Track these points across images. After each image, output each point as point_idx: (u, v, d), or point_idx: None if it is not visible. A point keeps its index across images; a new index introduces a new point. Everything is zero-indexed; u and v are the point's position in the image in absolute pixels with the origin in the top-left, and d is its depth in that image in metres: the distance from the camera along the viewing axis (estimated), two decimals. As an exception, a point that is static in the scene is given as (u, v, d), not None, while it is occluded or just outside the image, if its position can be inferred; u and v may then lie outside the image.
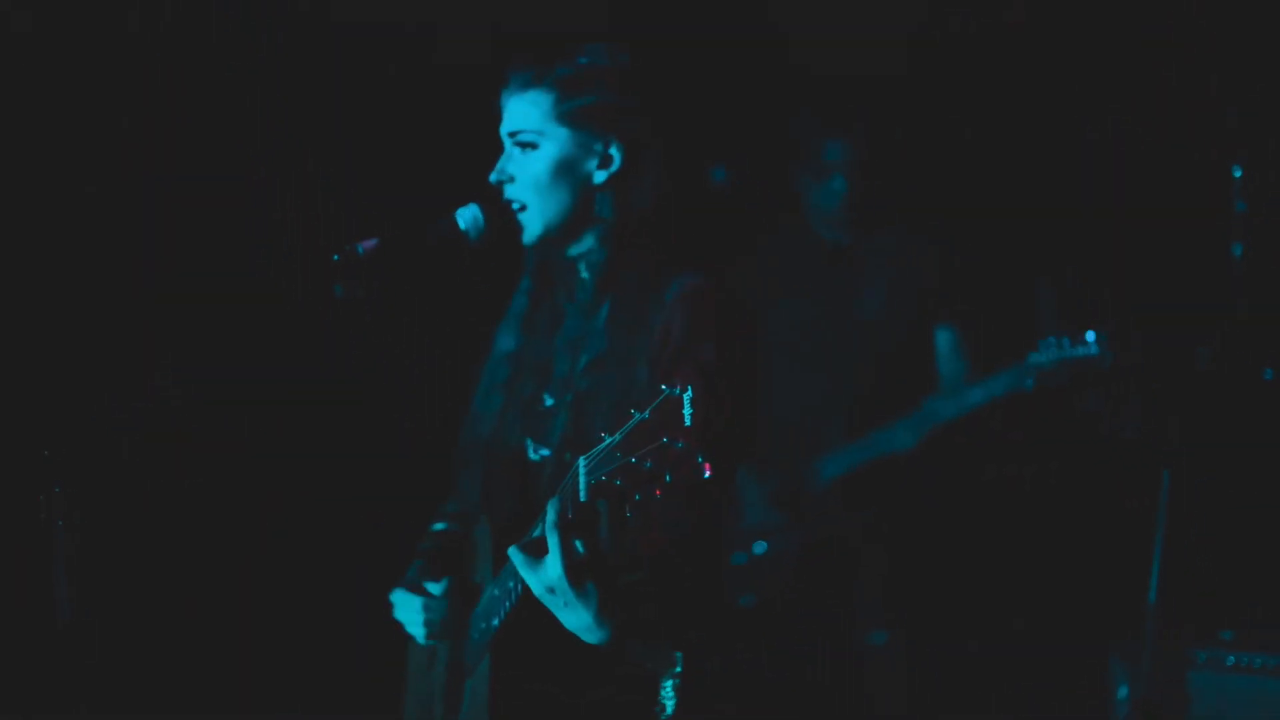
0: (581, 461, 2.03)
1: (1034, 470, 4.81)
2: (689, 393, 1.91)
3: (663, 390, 1.92)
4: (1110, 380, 4.02)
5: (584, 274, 2.60)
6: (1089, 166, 4.78)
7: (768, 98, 4.78)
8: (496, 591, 2.48)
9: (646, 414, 1.93)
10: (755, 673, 4.29)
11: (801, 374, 4.57)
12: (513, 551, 2.17)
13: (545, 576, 2.13)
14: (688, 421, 1.90)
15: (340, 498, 4.12)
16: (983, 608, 4.59)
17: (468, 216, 2.60)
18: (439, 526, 2.88)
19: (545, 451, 2.54)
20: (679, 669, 2.43)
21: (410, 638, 2.80)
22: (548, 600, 2.16)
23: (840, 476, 4.48)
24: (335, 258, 2.53)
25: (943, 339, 4.48)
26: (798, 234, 4.61)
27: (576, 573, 2.12)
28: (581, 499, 2.03)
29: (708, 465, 1.91)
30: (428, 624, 2.70)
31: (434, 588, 2.72)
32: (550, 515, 2.10)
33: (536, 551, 2.14)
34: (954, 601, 4.50)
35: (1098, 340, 4.00)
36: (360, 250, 2.54)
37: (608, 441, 1.98)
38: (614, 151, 2.56)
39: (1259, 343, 4.28)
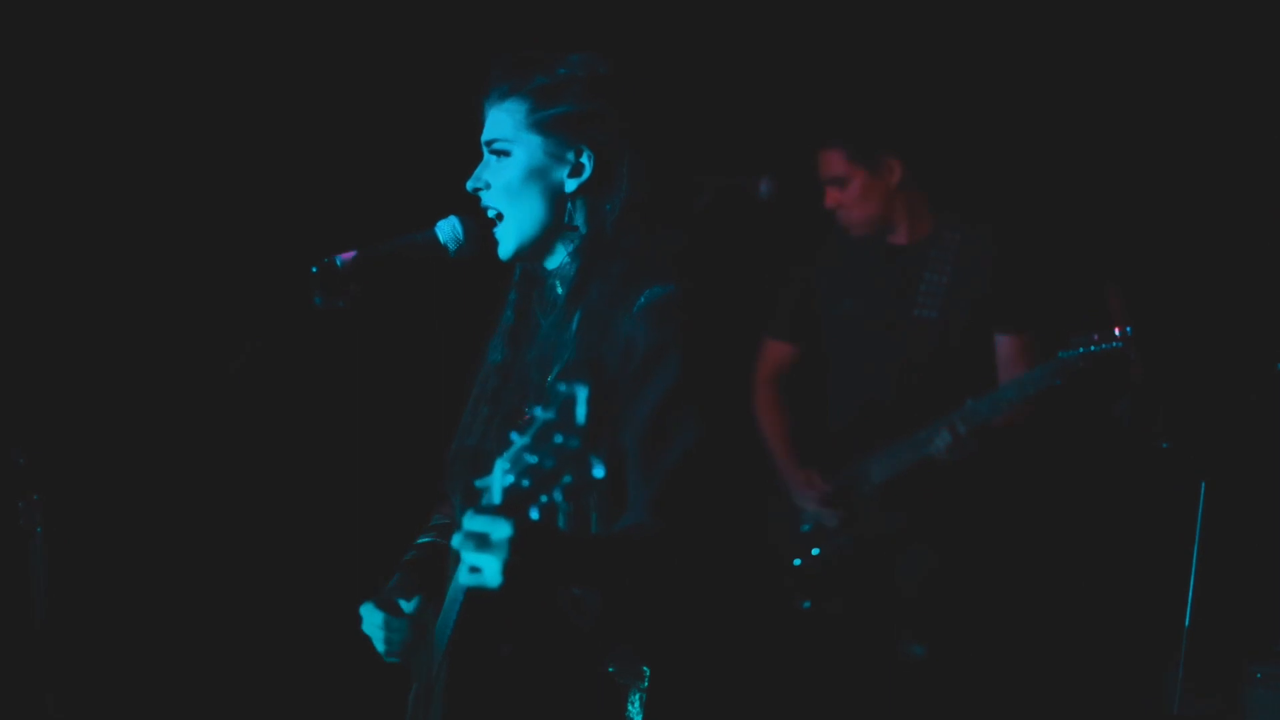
0: (498, 464, 2.03)
1: (1075, 482, 4.73)
2: (584, 391, 1.90)
3: (560, 389, 1.92)
4: (1133, 376, 3.98)
5: (559, 289, 2.61)
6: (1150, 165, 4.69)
7: (776, 108, 4.75)
8: (448, 602, 2.50)
9: (552, 414, 1.93)
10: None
11: (858, 373, 4.55)
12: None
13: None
14: (580, 420, 1.90)
15: (332, 501, 4.15)
16: (1024, 622, 4.51)
17: (447, 229, 2.61)
18: (423, 539, 2.88)
19: None
20: (645, 683, 2.44)
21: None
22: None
23: (888, 479, 4.44)
24: (314, 270, 2.54)
25: (1004, 345, 4.39)
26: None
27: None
28: (496, 502, 2.03)
29: (599, 465, 1.92)
30: (387, 642, 2.69)
31: (405, 605, 2.71)
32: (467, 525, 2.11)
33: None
34: (994, 615, 4.44)
35: (1123, 335, 3.95)
36: (339, 263, 2.55)
37: (519, 444, 1.98)
38: (585, 160, 2.57)
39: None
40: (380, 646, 2.70)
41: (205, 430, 4.00)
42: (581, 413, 1.90)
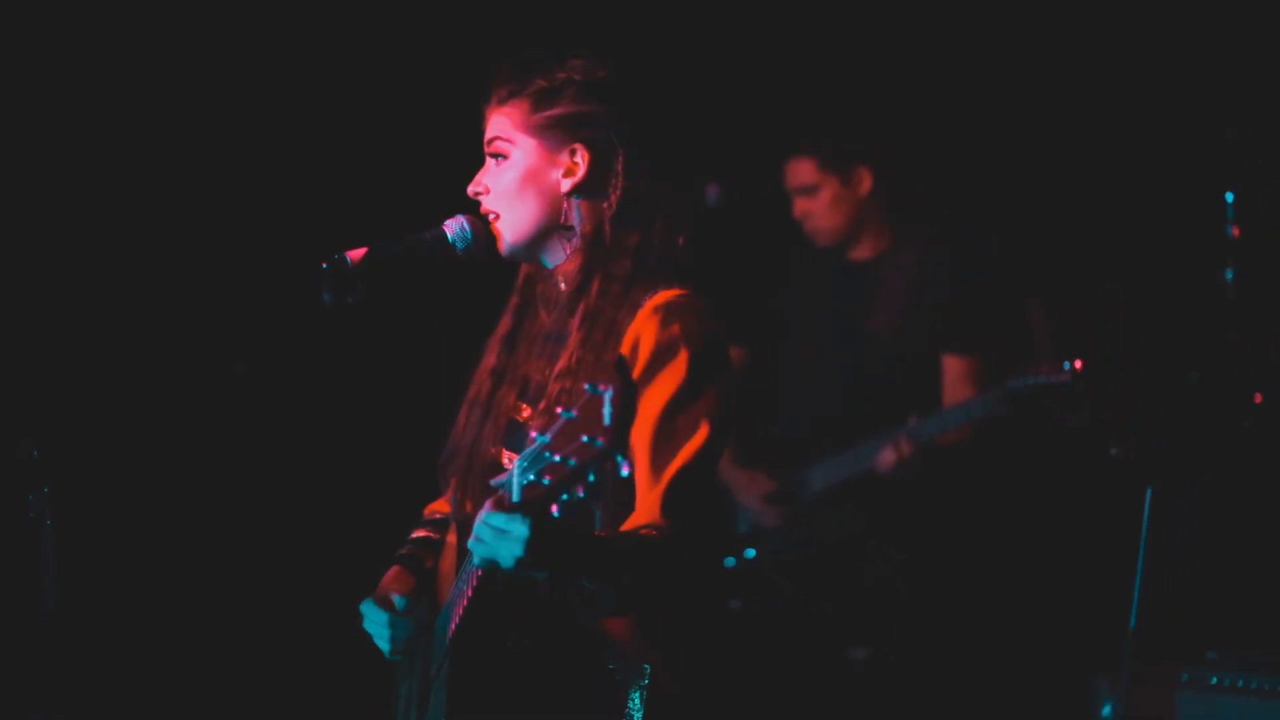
0: (517, 462, 2.07)
1: (1019, 487, 4.81)
2: (609, 392, 1.94)
3: (586, 389, 1.96)
4: (1083, 406, 4.05)
5: (561, 285, 2.65)
6: (1081, 182, 4.78)
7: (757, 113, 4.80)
8: (453, 595, 2.53)
9: (574, 413, 1.97)
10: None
11: (811, 385, 4.60)
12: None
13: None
14: (607, 420, 1.94)
15: (335, 498, 4.16)
16: (965, 626, 4.58)
17: (455, 229, 2.65)
18: (418, 534, 2.92)
19: None
20: (646, 680, 2.46)
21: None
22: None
23: (828, 488, 4.49)
24: (324, 266, 2.57)
25: (951, 367, 4.46)
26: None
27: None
28: (515, 500, 2.07)
29: (625, 465, 1.96)
30: (393, 640, 2.74)
31: (400, 601, 2.75)
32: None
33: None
34: (936, 619, 4.50)
35: (1072, 370, 4.03)
36: (348, 260, 2.58)
37: (539, 441, 2.02)
38: (580, 160, 2.61)
39: (1248, 365, 4.30)
40: (384, 645, 2.74)
41: (213, 425, 4.00)
42: (608, 412, 1.93)
